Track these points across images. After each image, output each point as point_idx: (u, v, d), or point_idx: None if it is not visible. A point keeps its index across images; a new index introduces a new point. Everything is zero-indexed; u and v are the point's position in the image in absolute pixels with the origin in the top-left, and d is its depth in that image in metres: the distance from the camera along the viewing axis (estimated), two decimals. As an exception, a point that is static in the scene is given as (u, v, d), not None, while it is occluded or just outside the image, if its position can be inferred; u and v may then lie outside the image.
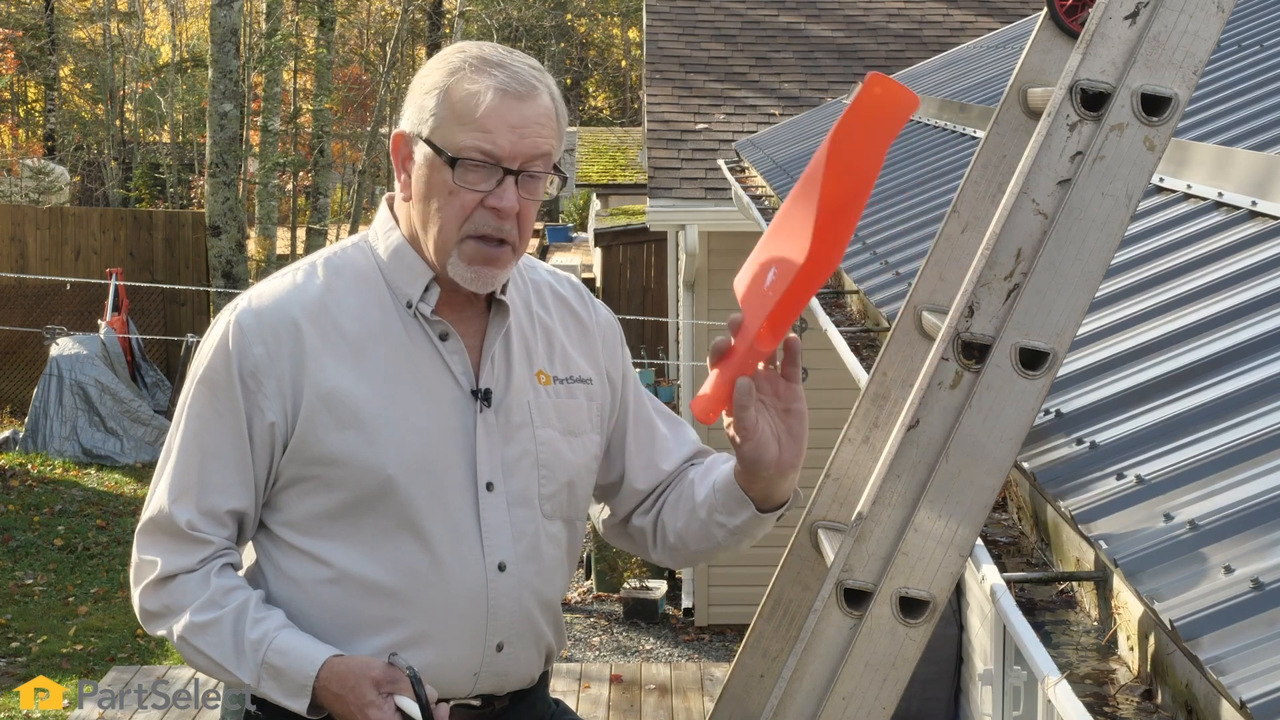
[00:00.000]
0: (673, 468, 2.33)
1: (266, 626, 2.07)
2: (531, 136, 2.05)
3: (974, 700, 5.26)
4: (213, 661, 2.09)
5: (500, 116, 2.04)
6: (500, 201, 2.05)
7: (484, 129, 2.04)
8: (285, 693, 2.04)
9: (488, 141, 2.04)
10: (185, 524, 2.11)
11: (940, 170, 4.76)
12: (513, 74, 2.06)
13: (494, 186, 2.05)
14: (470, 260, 2.09)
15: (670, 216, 9.18)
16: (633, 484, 2.32)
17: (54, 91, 28.49)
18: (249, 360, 2.10)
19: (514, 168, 2.05)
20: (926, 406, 1.73)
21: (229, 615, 2.07)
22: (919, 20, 11.25)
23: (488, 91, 2.04)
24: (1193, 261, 2.52)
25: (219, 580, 2.10)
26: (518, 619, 2.18)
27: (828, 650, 1.76)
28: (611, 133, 23.48)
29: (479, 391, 2.16)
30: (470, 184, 2.05)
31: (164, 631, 2.13)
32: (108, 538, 10.75)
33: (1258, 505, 1.67)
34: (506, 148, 2.04)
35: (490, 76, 2.05)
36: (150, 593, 2.12)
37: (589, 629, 9.50)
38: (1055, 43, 2.01)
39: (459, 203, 2.06)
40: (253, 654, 2.05)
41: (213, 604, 2.08)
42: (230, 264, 15.58)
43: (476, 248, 2.08)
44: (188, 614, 2.09)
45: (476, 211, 2.06)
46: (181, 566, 2.11)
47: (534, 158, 2.06)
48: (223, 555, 2.13)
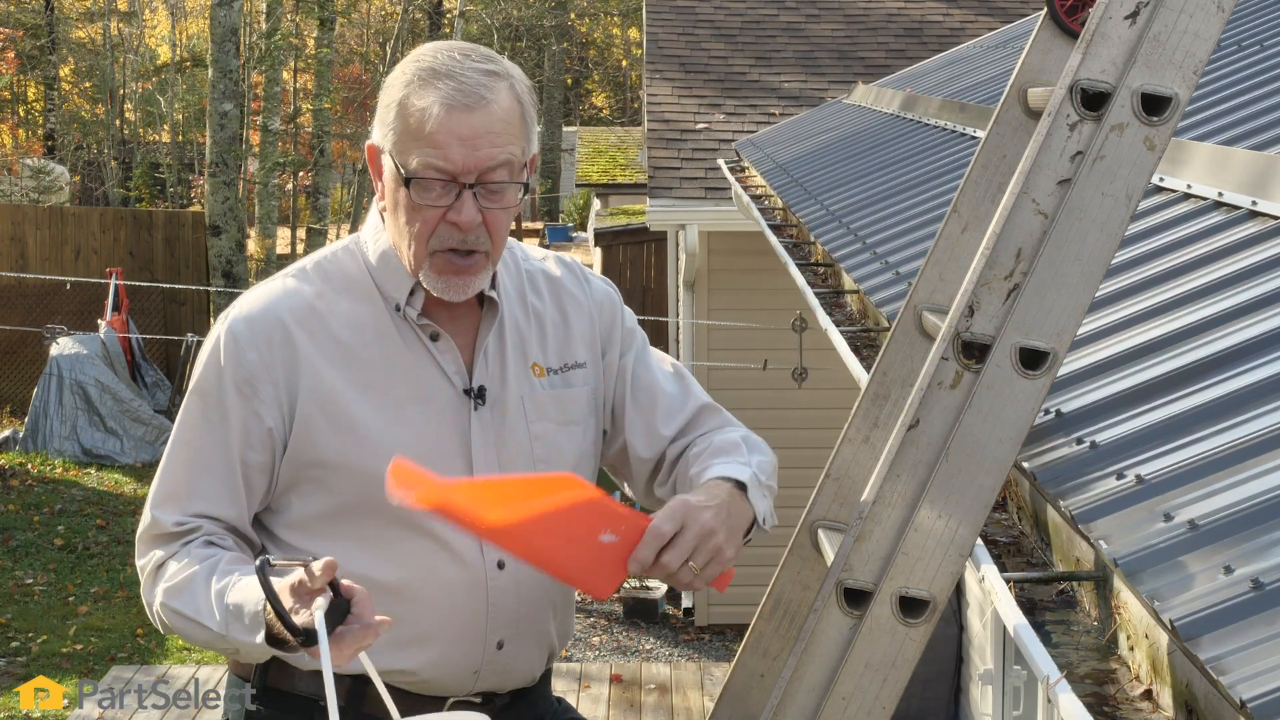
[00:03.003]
0: (673, 432, 2.29)
1: (231, 575, 2.03)
2: (485, 148, 2.02)
3: (974, 700, 5.26)
4: (188, 619, 2.06)
5: (449, 131, 2.01)
6: (459, 216, 2.03)
7: (434, 144, 2.01)
8: (246, 630, 1.97)
9: (439, 158, 2.01)
10: (172, 524, 2.12)
11: (940, 170, 4.76)
12: (459, 85, 2.02)
13: (452, 201, 2.04)
14: (440, 272, 2.08)
15: (670, 216, 9.18)
16: (637, 453, 2.29)
17: (54, 91, 28.49)
18: (243, 368, 2.10)
19: (470, 181, 2.02)
20: (926, 406, 1.73)
21: (201, 571, 2.06)
22: (919, 20, 11.25)
23: (434, 106, 2.01)
24: (1193, 261, 2.52)
25: (197, 550, 2.10)
26: (518, 616, 2.18)
27: (828, 650, 1.76)
28: (611, 133, 23.47)
29: (472, 390, 2.16)
30: (429, 201, 2.04)
31: (158, 611, 2.12)
32: (108, 537, 10.75)
33: (1258, 505, 1.67)
34: (459, 161, 2.01)
35: (436, 90, 2.02)
36: (147, 586, 2.14)
37: (589, 629, 9.50)
38: (1055, 43, 2.01)
39: (421, 219, 2.05)
40: (219, 601, 2.01)
41: (188, 566, 2.07)
42: (230, 264, 15.61)
43: (445, 260, 2.07)
44: (164, 580, 2.09)
45: (440, 226, 2.05)
46: (170, 553, 2.12)
47: (490, 168, 2.03)
48: (206, 535, 2.12)
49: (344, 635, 1.85)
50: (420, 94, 2.03)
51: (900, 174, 5.11)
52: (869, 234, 4.27)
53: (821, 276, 4.79)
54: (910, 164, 5.22)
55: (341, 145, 27.01)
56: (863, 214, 4.66)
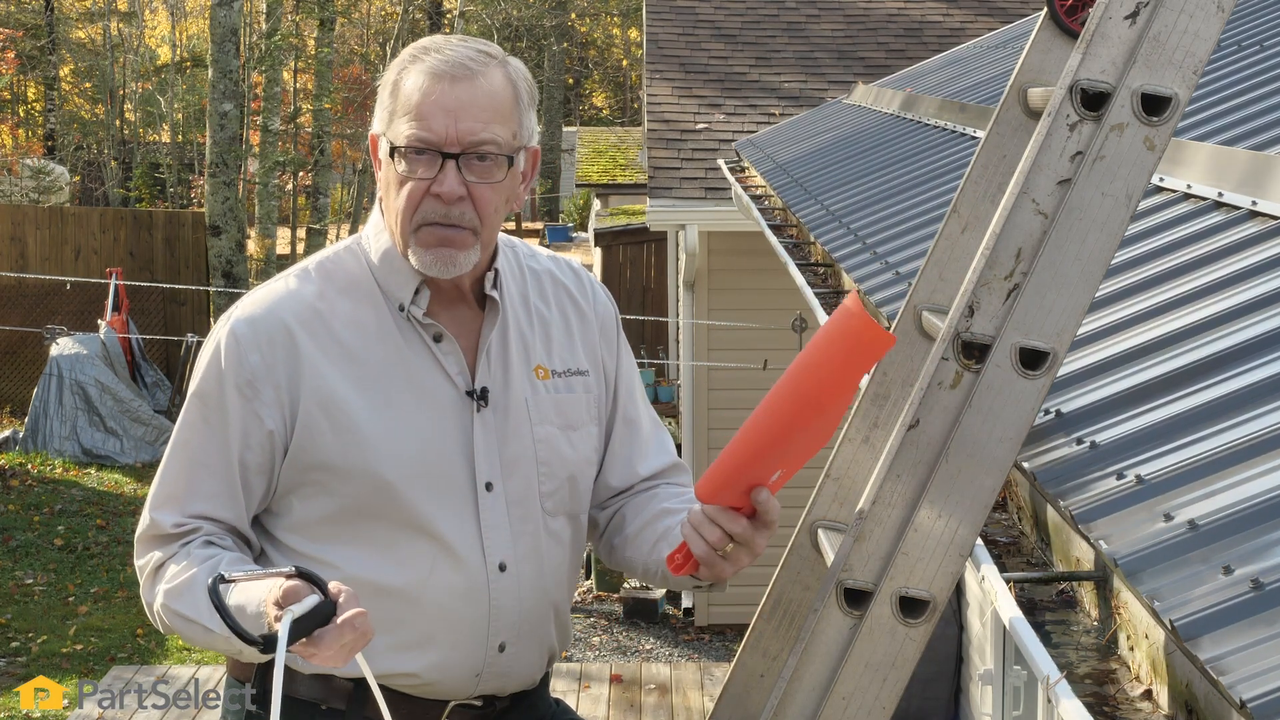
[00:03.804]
0: (647, 474, 2.32)
1: None
2: (468, 120, 2.02)
3: (974, 700, 5.26)
4: (188, 620, 2.04)
5: (434, 101, 2.03)
6: (440, 187, 2.03)
7: (419, 115, 2.03)
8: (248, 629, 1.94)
9: (423, 128, 2.03)
10: (171, 525, 2.11)
11: (940, 170, 4.76)
12: (446, 58, 2.05)
13: (435, 173, 2.04)
14: (426, 244, 2.07)
15: (670, 216, 9.18)
16: (607, 480, 2.31)
17: (54, 91, 28.49)
18: (245, 370, 2.10)
19: (453, 151, 2.03)
20: (927, 406, 1.73)
21: (201, 572, 2.04)
22: (919, 20, 11.25)
23: (420, 76, 2.04)
24: (1193, 261, 2.52)
25: (197, 551, 2.09)
26: (520, 619, 2.18)
27: (828, 650, 1.76)
28: (611, 133, 23.47)
29: (475, 391, 2.15)
30: (413, 173, 2.05)
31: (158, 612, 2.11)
32: (108, 537, 10.75)
33: (1258, 505, 1.67)
34: (441, 131, 2.02)
35: (422, 63, 2.06)
36: (147, 587, 2.13)
37: (589, 629, 9.50)
38: (1055, 43, 2.01)
39: (407, 192, 2.06)
40: None
41: (188, 567, 2.06)
42: (230, 264, 15.61)
43: (430, 231, 2.07)
44: (164, 581, 2.08)
45: (425, 200, 2.05)
46: (169, 554, 2.11)
47: (477, 142, 2.03)
48: (206, 536, 2.11)
49: (322, 637, 1.82)
50: (410, 70, 2.07)
51: (900, 174, 5.10)
52: (869, 234, 4.27)
53: (821, 276, 4.79)
54: (910, 164, 5.21)
55: (341, 145, 27.01)
56: (863, 214, 4.66)
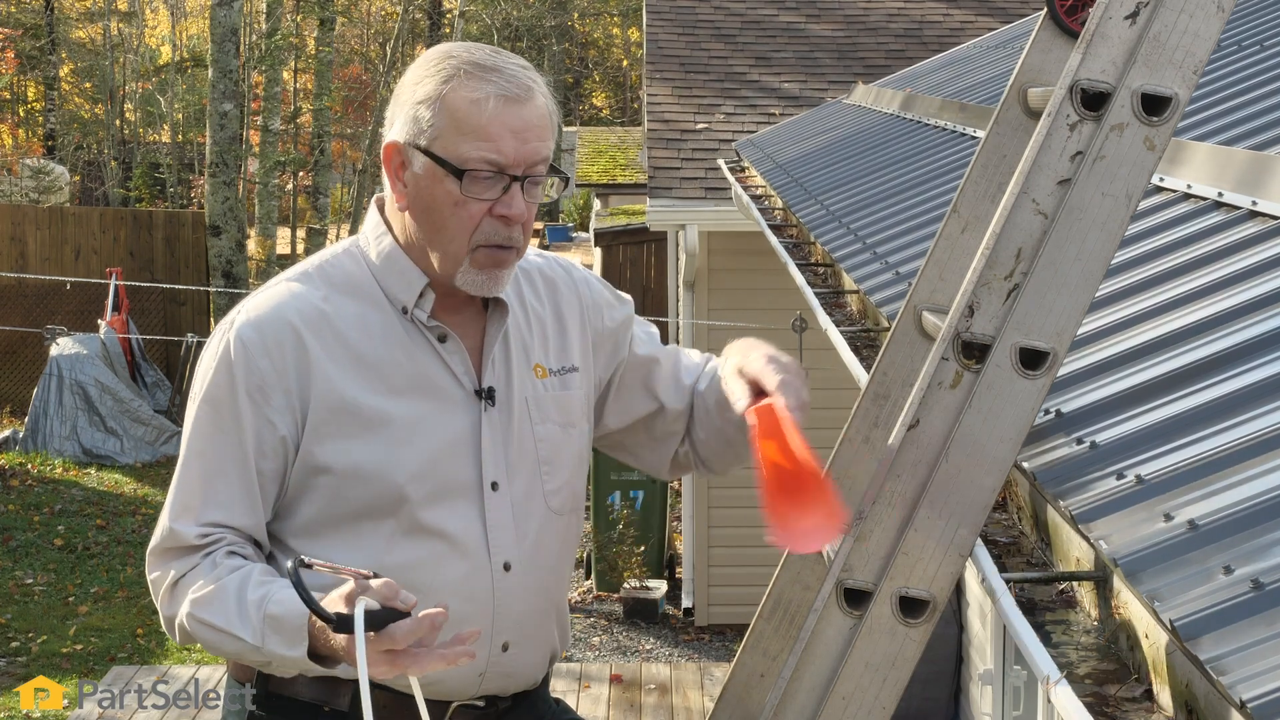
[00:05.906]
0: (693, 380, 2.39)
1: (269, 586, 2.00)
2: (533, 141, 2.05)
3: (974, 700, 5.26)
4: (218, 630, 2.01)
5: (503, 124, 2.02)
6: (509, 210, 2.04)
7: (488, 138, 2.02)
8: (286, 642, 1.95)
9: (493, 151, 2.02)
10: (194, 537, 2.07)
11: (940, 170, 4.76)
12: (510, 77, 2.05)
13: (500, 194, 2.04)
14: (481, 266, 2.08)
15: (670, 216, 9.17)
16: (673, 407, 2.36)
17: (54, 91, 28.49)
18: (255, 375, 2.08)
19: (519, 174, 2.04)
20: (927, 406, 1.73)
21: (232, 581, 2.02)
22: (919, 20, 11.25)
23: (489, 100, 2.02)
24: (1193, 261, 2.52)
25: (224, 561, 2.06)
26: (523, 619, 2.18)
27: (828, 650, 1.76)
28: (611, 133, 23.47)
29: (482, 391, 2.16)
30: (477, 194, 2.04)
31: (182, 623, 2.07)
32: (108, 537, 10.75)
33: (1258, 505, 1.67)
34: (511, 154, 2.03)
35: (489, 83, 2.03)
36: (167, 600, 2.09)
37: (589, 629, 9.50)
38: (1055, 43, 2.01)
39: (466, 213, 2.05)
40: (255, 611, 1.97)
41: (216, 577, 2.03)
42: (230, 264, 15.61)
43: (488, 254, 2.08)
44: (192, 591, 2.04)
45: (484, 221, 2.05)
46: (190, 565, 2.07)
47: (536, 162, 2.06)
48: (229, 545, 2.08)
49: (397, 629, 1.82)
50: (471, 86, 2.03)
51: (900, 174, 5.10)
52: (869, 234, 4.27)
53: (821, 276, 4.79)
54: (910, 164, 5.21)
55: (341, 145, 27.02)
56: (863, 214, 4.66)
